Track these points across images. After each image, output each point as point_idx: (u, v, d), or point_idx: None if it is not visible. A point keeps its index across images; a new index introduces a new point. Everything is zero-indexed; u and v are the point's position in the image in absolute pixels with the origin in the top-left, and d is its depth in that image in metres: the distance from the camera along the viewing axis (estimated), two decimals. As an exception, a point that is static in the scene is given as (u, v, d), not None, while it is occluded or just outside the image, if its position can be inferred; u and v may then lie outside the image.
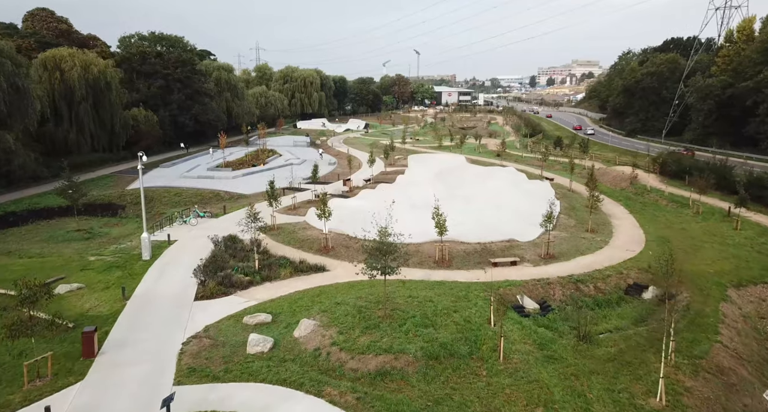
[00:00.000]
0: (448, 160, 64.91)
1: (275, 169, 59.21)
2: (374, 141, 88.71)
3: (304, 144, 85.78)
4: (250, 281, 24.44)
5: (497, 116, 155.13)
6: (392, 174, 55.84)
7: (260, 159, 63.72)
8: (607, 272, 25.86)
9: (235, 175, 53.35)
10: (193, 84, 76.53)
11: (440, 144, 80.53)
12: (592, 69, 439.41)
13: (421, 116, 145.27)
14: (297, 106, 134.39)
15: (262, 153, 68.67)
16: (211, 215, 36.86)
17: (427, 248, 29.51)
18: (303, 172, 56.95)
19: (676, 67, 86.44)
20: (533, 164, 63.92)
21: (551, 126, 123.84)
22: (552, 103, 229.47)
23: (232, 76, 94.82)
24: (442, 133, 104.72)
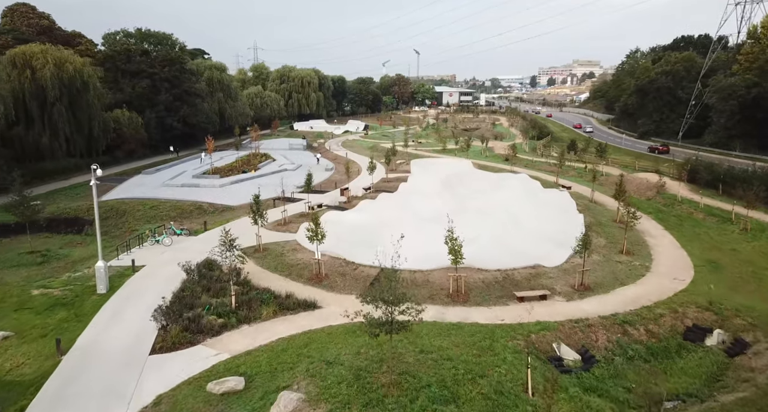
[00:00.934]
0: (453, 166, 60.40)
1: (267, 175, 54.69)
2: (374, 144, 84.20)
3: (300, 147, 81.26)
4: (223, 324, 19.88)
5: (500, 117, 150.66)
6: (394, 181, 51.34)
7: (251, 164, 59.16)
8: (659, 310, 21.31)
9: (222, 184, 48.78)
10: (182, 84, 71.98)
11: (444, 147, 76.03)
12: (593, 69, 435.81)
13: (422, 117, 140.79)
14: (294, 107, 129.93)
15: (254, 158, 64.11)
16: (189, 232, 32.29)
17: (439, 276, 24.97)
18: (297, 179, 52.36)
19: (693, 66, 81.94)
20: (545, 170, 59.38)
21: (557, 127, 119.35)
22: (554, 103, 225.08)
23: (225, 76, 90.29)
24: (445, 135, 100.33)
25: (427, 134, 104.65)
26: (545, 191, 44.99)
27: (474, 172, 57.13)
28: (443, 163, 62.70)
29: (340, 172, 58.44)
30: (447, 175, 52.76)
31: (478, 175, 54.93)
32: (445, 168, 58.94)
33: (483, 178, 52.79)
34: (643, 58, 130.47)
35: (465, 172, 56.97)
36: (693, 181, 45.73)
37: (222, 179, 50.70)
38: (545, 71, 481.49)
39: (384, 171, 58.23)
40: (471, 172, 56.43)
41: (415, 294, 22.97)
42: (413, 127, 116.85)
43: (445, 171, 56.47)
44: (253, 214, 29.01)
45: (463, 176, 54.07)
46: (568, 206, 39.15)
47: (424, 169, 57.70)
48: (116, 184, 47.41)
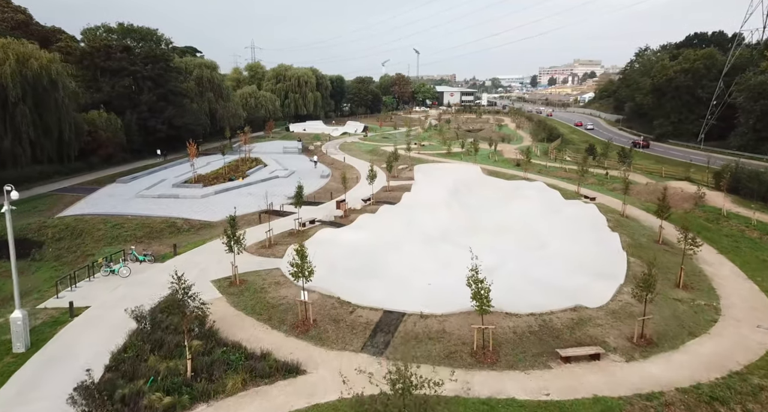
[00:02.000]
0: (461, 172, 55.21)
1: (256, 184, 49.46)
2: (374, 147, 79.01)
3: (295, 151, 76.04)
4: (171, 405, 14.64)
5: (504, 118, 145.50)
6: (396, 190, 46.15)
7: (240, 171, 53.90)
8: (755, 380, 16.09)
9: (205, 194, 43.51)
10: (167, 83, 66.72)
11: (449, 150, 70.81)
12: (594, 68, 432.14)
13: (424, 118, 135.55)
14: (290, 108, 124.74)
15: (243, 163, 58.87)
16: (154, 258, 27.03)
17: (457, 324, 19.70)
18: (290, 188, 47.06)
19: (714, 64, 76.77)
20: (561, 176, 54.16)
21: (565, 128, 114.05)
22: (558, 103, 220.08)
23: (215, 75, 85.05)
24: (449, 137, 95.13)
25: (429, 136, 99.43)
26: (568, 203, 39.76)
27: (484, 179, 51.94)
28: (449, 168, 57.55)
29: (337, 179, 53.24)
30: (454, 183, 47.58)
31: (489, 182, 49.74)
32: (451, 174, 53.79)
33: (495, 187, 47.62)
34: (653, 56, 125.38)
35: (474, 179, 51.77)
36: (734, 192, 40.53)
37: (205, 189, 45.43)
38: (546, 71, 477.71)
39: (385, 178, 53.06)
40: (481, 180, 51.24)
41: (429, 351, 17.81)
42: (415, 128, 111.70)
43: (452, 178, 51.29)
44: (228, 239, 23.73)
45: (473, 184, 48.88)
46: (598, 223, 33.93)
47: (429, 176, 52.55)
48: (84, 195, 42.15)
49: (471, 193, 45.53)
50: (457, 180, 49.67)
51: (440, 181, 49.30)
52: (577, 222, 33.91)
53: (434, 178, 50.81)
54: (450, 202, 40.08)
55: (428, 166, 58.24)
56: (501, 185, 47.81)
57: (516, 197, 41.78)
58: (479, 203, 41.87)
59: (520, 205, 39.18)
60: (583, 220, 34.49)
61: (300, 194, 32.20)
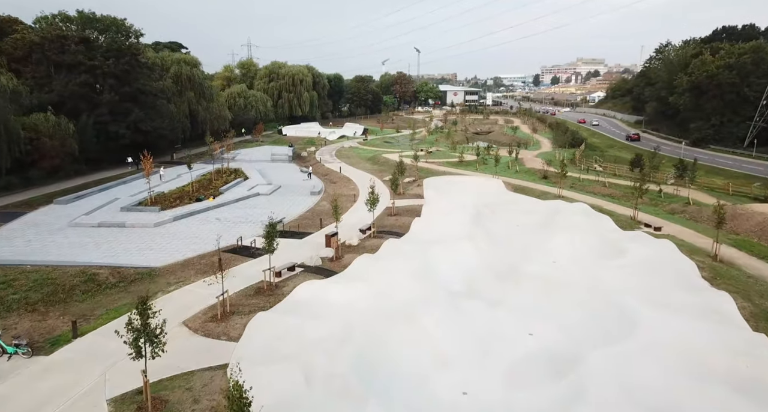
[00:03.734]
0: (480, 188, 45.78)
1: (230, 205, 40.05)
2: (375, 154, 69.58)
3: (284, 158, 66.62)
4: None
5: (513, 118, 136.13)
6: (403, 214, 36.73)
7: (212, 188, 44.47)
8: None
9: (160, 221, 34.05)
10: (135, 81, 57.27)
11: (461, 158, 61.28)
12: (598, 67, 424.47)
13: (429, 120, 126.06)
14: (285, 108, 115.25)
15: (219, 176, 49.42)
16: (31, 351, 17.23)
17: None
18: (271, 210, 37.85)
19: (763, 58, 67.39)
20: (600, 193, 44.84)
21: (584, 131, 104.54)
22: (565, 102, 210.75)
23: (197, 72, 75.58)
24: (457, 140, 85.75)
25: (435, 140, 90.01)
26: (632, 237, 30.21)
27: (510, 198, 42.44)
28: (465, 183, 48.08)
29: (332, 195, 43.90)
30: (475, 204, 38.17)
31: (518, 203, 40.24)
32: (469, 191, 44.31)
33: (526, 209, 38.15)
34: (677, 51, 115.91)
35: (498, 198, 42.23)
36: None
37: (162, 214, 35.99)
38: (548, 70, 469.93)
39: (388, 193, 43.76)
40: (507, 199, 41.74)
41: None
42: (419, 131, 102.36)
43: (471, 196, 41.84)
44: (134, 335, 14.02)
45: (498, 205, 39.38)
46: (687, 272, 24.48)
47: (442, 194, 43.06)
48: (0, 225, 32.71)
49: (498, 218, 36.13)
50: (477, 199, 40.31)
51: (457, 201, 39.93)
52: (656, 271, 24.43)
53: (449, 198, 41.42)
54: (474, 234, 30.68)
55: (440, 180, 48.83)
56: (534, 207, 38.40)
57: (558, 226, 32.36)
58: (511, 234, 32.46)
59: (566, 239, 29.75)
60: (662, 267, 24.98)
61: (272, 237, 22.70)
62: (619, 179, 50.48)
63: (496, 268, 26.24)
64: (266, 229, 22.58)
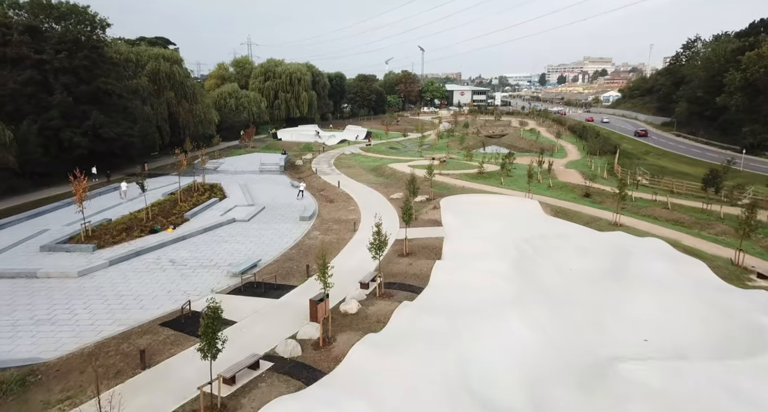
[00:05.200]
0: (513, 212, 36.51)
1: (193, 237, 31.04)
2: (379, 163, 60.47)
3: (275, 168, 57.62)
4: None
5: (528, 120, 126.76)
6: (417, 253, 27.58)
7: (175, 213, 35.41)
8: None
9: (89, 267, 25.02)
10: (96, 78, 48.39)
11: (480, 169, 52.00)
12: (605, 66, 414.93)
13: (437, 122, 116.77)
14: (281, 110, 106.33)
15: (189, 195, 40.36)
16: None
17: None
18: (246, 246, 28.88)
19: (831, 52, 58.03)
20: (665, 218, 35.66)
21: (607, 132, 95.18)
22: (576, 102, 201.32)
23: (178, 70, 66.58)
24: (471, 145, 76.63)
25: (447, 145, 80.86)
26: (749, 298, 21.08)
27: (555, 227, 33.08)
28: (492, 205, 38.78)
29: (326, 221, 34.83)
30: (513, 242, 29.04)
31: (569, 237, 30.85)
32: (499, 216, 35.09)
33: (582, 247, 28.79)
34: (708, 48, 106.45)
35: (540, 227, 32.92)
36: None
37: (98, 254, 27.06)
38: (555, 69, 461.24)
39: (396, 217, 34.77)
40: (551, 230, 32.36)
41: None
42: (427, 133, 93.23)
43: (503, 225, 32.66)
44: None
45: (544, 241, 30.18)
46: None
47: (466, 222, 33.79)
48: None
49: (545, 260, 26.94)
50: (512, 230, 31.14)
51: (486, 233, 30.77)
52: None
53: (475, 227, 32.22)
54: (522, 293, 21.60)
55: (460, 201, 39.62)
56: (591, 243, 29.13)
57: (635, 278, 23.20)
58: (570, 289, 23.30)
59: (656, 303, 20.66)
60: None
61: (212, 329, 13.53)
62: (680, 198, 41.23)
63: (569, 360, 17.15)
64: (203, 329, 13.43)
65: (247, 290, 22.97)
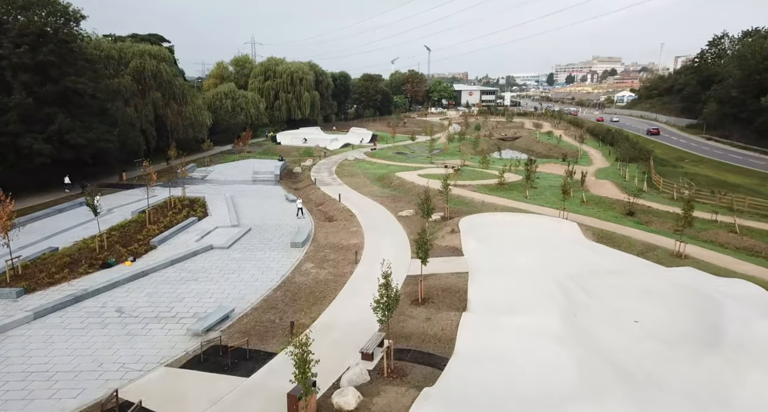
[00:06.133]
0: (549, 238, 30.19)
1: (158, 271, 24.99)
2: (386, 170, 54.28)
3: (270, 178, 51.61)
4: None
5: (541, 121, 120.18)
6: (436, 300, 21.28)
7: (139, 239, 29.35)
8: None
9: (3, 324, 19.03)
10: (64, 77, 42.58)
11: (501, 180, 45.61)
12: (615, 66, 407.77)
13: (447, 123, 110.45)
14: (282, 111, 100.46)
15: (162, 214, 34.31)
16: None
17: None
18: (221, 286, 22.77)
19: None
20: (729, 245, 29.33)
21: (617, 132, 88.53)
22: (588, 103, 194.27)
23: (164, 68, 60.67)
24: (486, 148, 70.29)
25: (458, 150, 74.63)
26: None
27: (602, 259, 26.74)
28: (520, 226, 32.38)
29: (322, 248, 28.72)
30: (556, 281, 22.87)
31: (624, 273, 24.52)
32: (531, 242, 28.92)
33: (643, 288, 22.52)
34: (738, 44, 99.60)
35: (585, 258, 26.69)
36: None
37: (23, 301, 21.09)
38: (563, 68, 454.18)
39: (406, 243, 28.61)
40: (599, 263, 26.02)
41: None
42: (437, 136, 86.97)
43: (538, 255, 26.48)
44: None
45: (593, 279, 23.97)
46: None
47: (493, 251, 27.59)
48: None
49: (602, 308, 20.69)
50: (551, 261, 24.91)
51: (520, 267, 24.55)
52: None
53: (505, 259, 25.97)
54: (588, 378, 15.42)
55: (482, 222, 33.26)
56: (653, 281, 22.77)
57: (741, 349, 16.94)
58: (641, 359, 17.05)
59: None
60: None
61: None
62: (744, 217, 34.76)
63: None
64: None
65: (208, 360, 16.93)
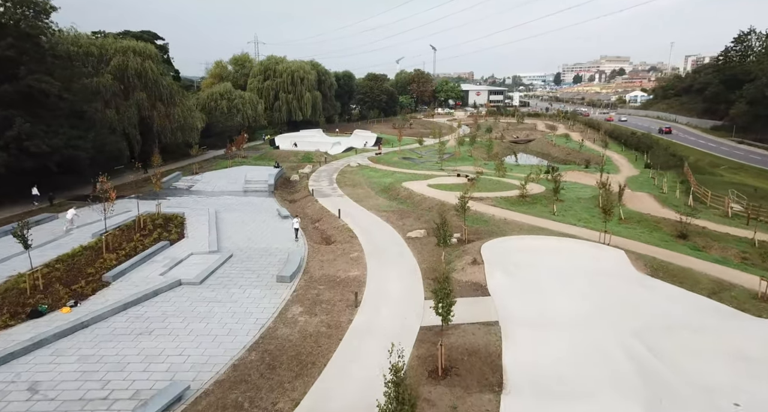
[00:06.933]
0: (593, 271, 24.62)
1: (105, 320, 19.59)
2: (392, 179, 48.85)
3: (263, 188, 46.34)
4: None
5: (554, 122, 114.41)
6: (460, 382, 15.63)
7: (86, 278, 24.00)
8: None
9: None
10: (27, 75, 37.48)
11: (523, 193, 39.97)
12: (623, 65, 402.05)
13: (456, 125, 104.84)
14: (282, 112, 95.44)
15: (127, 237, 28.98)
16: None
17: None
18: (172, 349, 17.36)
19: None
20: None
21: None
22: (599, 103, 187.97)
23: (150, 66, 55.49)
24: (499, 152, 64.77)
25: (470, 154, 69.13)
26: None
27: (679, 308, 20.98)
28: (556, 256, 26.76)
29: (315, 281, 23.33)
30: (621, 339, 17.29)
31: (712, 332, 18.92)
32: (572, 277, 23.41)
33: (742, 355, 17.02)
34: (766, 40, 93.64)
35: (653, 308, 21.03)
36: None
37: None
38: (570, 68, 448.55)
39: (418, 279, 23.16)
40: (677, 317, 20.32)
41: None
42: (445, 139, 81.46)
43: (591, 302, 20.95)
44: None
45: (675, 341, 18.32)
46: None
47: (527, 292, 22.11)
48: None
49: (689, 386, 15.16)
50: (610, 313, 19.40)
51: (567, 317, 19.06)
52: None
53: (546, 305, 20.46)
54: None
55: (509, 249, 27.64)
56: (752, 348, 17.24)
57: None
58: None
59: None
60: None
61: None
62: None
63: None
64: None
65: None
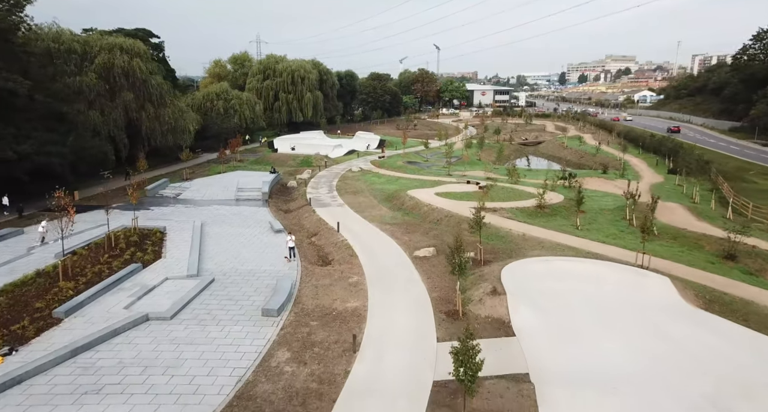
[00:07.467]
0: (636, 304, 20.76)
1: (45, 372, 15.88)
2: (396, 186, 45.16)
3: (256, 196, 42.75)
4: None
5: (564, 123, 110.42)
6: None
7: (32, 314, 20.39)
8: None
9: None
10: (-4, 75, 34.03)
11: (541, 203, 36.15)
12: (629, 65, 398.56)
13: (463, 126, 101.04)
14: (281, 113, 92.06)
15: (95, 261, 25.36)
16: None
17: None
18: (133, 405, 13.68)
19: None
20: None
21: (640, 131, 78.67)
22: (607, 103, 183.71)
23: (138, 64, 51.93)
24: (509, 155, 60.91)
25: (478, 158, 65.37)
26: None
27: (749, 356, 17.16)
28: (588, 281, 23.08)
29: (303, 328, 19.71)
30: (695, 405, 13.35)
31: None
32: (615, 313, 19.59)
33: None
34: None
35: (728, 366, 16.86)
36: None
37: None
38: (575, 67, 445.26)
39: (428, 311, 19.45)
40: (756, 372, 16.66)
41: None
42: (452, 141, 77.70)
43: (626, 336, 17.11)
44: None
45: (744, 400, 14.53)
46: None
47: (562, 332, 18.29)
48: None
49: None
50: (669, 360, 15.71)
51: (614, 369, 15.33)
52: None
53: (586, 351, 16.76)
54: None
55: (532, 274, 23.81)
56: None
57: None
58: None
59: None
60: None
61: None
62: None
63: None
64: None
65: None
